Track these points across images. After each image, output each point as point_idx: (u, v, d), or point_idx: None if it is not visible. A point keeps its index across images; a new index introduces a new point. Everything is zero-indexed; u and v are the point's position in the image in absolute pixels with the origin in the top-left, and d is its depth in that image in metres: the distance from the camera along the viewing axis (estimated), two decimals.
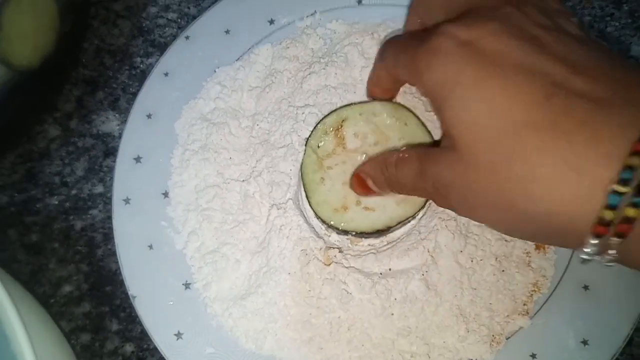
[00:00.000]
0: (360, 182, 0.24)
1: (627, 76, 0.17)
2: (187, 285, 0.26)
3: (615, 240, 0.16)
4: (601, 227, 0.16)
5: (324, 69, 0.29)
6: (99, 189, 0.31)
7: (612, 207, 0.16)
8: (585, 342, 0.24)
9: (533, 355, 0.24)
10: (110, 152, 0.31)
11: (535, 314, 0.25)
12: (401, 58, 0.22)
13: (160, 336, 0.25)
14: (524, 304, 0.25)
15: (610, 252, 0.17)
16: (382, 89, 0.26)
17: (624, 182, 0.16)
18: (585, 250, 0.17)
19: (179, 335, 0.25)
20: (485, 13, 0.20)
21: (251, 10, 0.32)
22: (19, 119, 0.32)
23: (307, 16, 0.32)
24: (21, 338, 0.17)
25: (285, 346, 0.25)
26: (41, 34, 0.28)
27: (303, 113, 0.28)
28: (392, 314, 0.24)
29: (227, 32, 0.32)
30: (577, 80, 0.17)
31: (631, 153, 0.16)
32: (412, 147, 0.25)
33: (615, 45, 0.32)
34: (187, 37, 0.32)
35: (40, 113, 0.33)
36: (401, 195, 0.24)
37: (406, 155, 0.22)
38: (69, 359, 0.21)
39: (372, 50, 0.29)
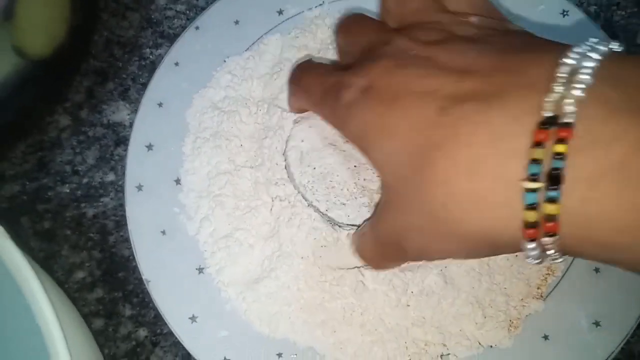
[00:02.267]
0: None
1: (520, 60, 0.17)
2: (200, 270, 0.27)
3: (548, 240, 0.15)
4: (530, 230, 0.15)
5: (333, 54, 0.29)
6: (111, 177, 0.31)
7: (532, 207, 0.15)
8: (597, 324, 0.24)
9: (545, 337, 0.25)
10: (121, 141, 0.32)
11: (547, 296, 0.25)
12: (326, 106, 0.22)
13: (174, 320, 0.25)
14: (538, 288, 0.25)
15: (549, 252, 0.16)
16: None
17: (533, 177, 0.15)
18: (529, 255, 0.16)
19: (193, 318, 0.25)
20: (378, 52, 0.20)
21: (260, 0, 0.32)
22: (30, 108, 0.32)
23: (315, 6, 0.32)
24: (47, 312, 0.17)
25: (298, 329, 0.25)
26: (53, 24, 0.29)
27: None
28: (408, 305, 0.24)
29: (237, 22, 0.32)
30: (467, 83, 0.17)
31: (533, 145, 0.14)
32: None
33: (621, 34, 0.33)
34: (197, 28, 0.32)
35: (50, 103, 0.33)
36: None
37: (362, 233, 0.23)
38: (89, 340, 0.21)
39: None
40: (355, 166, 0.25)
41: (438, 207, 0.17)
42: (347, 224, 0.25)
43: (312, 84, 0.23)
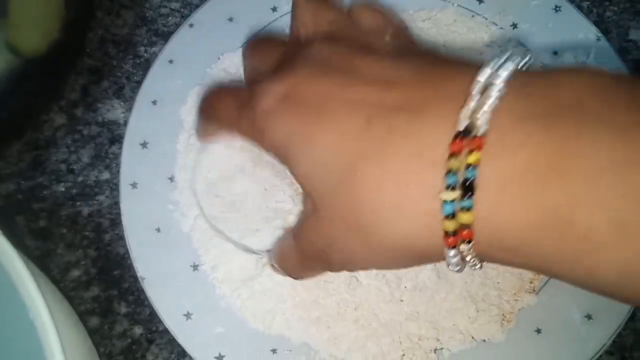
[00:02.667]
0: None
1: (439, 75, 0.17)
2: (195, 267, 0.27)
3: (465, 247, 0.16)
4: (450, 239, 0.16)
5: None
6: (105, 175, 0.31)
7: (450, 216, 0.15)
8: (589, 317, 0.25)
9: (538, 331, 0.25)
10: (116, 140, 0.32)
11: (539, 290, 0.25)
12: (242, 121, 0.21)
13: (169, 316, 0.25)
14: (531, 282, 0.25)
15: (467, 259, 0.16)
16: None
17: (451, 187, 0.15)
18: (450, 262, 0.16)
19: (188, 315, 0.25)
20: (295, 58, 0.19)
21: None
22: (25, 107, 0.32)
23: None
24: (42, 311, 0.17)
25: (293, 325, 0.25)
26: (47, 22, 0.29)
27: None
28: (402, 300, 0.25)
29: (231, 19, 0.32)
30: (390, 95, 0.17)
31: (450, 155, 0.15)
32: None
33: (614, 30, 0.33)
34: (190, 25, 0.32)
35: (45, 102, 0.33)
36: None
37: (284, 244, 0.22)
38: (84, 338, 0.21)
39: None
40: (265, 189, 0.25)
41: (365, 216, 0.17)
42: (263, 250, 0.25)
43: (225, 104, 0.22)
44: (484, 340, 0.24)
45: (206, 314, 0.25)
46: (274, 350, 0.25)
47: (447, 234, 0.16)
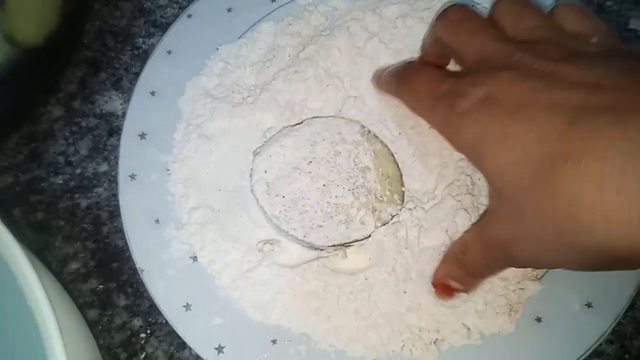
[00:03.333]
0: (445, 289, 0.24)
1: None
2: (194, 259, 0.26)
3: None
4: None
5: (325, 40, 0.29)
6: (104, 167, 0.31)
7: None
8: (589, 305, 0.25)
9: (538, 319, 0.25)
10: (114, 131, 0.32)
11: (540, 278, 0.25)
12: (437, 113, 0.22)
13: (168, 308, 0.25)
14: (533, 270, 0.25)
15: None
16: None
17: None
18: None
19: (187, 306, 0.25)
20: (498, 62, 0.20)
21: None
22: (22, 99, 0.32)
23: None
24: (43, 303, 0.17)
25: (292, 316, 0.25)
26: (44, 12, 0.28)
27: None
28: (405, 292, 0.24)
29: (229, 10, 0.32)
30: (597, 97, 0.17)
31: None
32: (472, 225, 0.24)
33: (614, 19, 0.33)
34: (189, 16, 0.32)
35: (43, 94, 0.33)
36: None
37: (467, 238, 0.23)
38: (84, 330, 0.21)
39: (375, 25, 0.30)
40: (324, 185, 0.25)
41: (563, 217, 0.17)
42: (328, 246, 0.25)
43: (422, 88, 0.23)
44: (494, 334, 0.24)
45: (205, 305, 0.25)
46: (273, 341, 0.25)
47: None
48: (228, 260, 0.26)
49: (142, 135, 0.29)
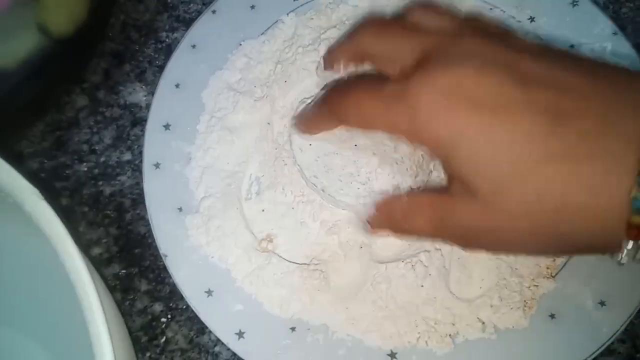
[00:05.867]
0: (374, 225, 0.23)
1: (613, 79, 0.18)
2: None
3: None
4: (634, 231, 0.17)
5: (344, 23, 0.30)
6: (127, 156, 0.32)
7: (638, 212, 0.17)
8: (602, 303, 0.25)
9: (552, 316, 0.25)
10: (138, 122, 0.32)
11: (554, 276, 0.26)
12: (391, 116, 0.20)
13: (190, 293, 0.26)
14: (547, 267, 0.25)
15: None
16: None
17: None
18: (624, 254, 0.18)
19: (209, 292, 0.26)
20: (448, 52, 0.19)
21: None
22: (49, 88, 0.33)
23: None
24: (85, 277, 0.17)
25: (310, 309, 0.25)
26: (76, 4, 0.29)
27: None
28: (422, 286, 0.25)
29: (252, 7, 0.33)
30: (569, 99, 0.18)
31: None
32: (421, 191, 0.24)
33: (629, 26, 0.33)
34: (213, 12, 0.33)
35: (68, 84, 0.33)
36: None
37: (414, 206, 0.22)
38: (114, 305, 0.22)
39: None
40: (355, 145, 0.26)
41: (544, 212, 0.18)
42: (347, 203, 0.25)
43: (363, 101, 0.21)
44: (508, 329, 0.25)
45: (226, 292, 0.26)
46: (292, 329, 0.25)
47: (632, 227, 0.17)
48: (236, 257, 0.27)
49: (167, 126, 0.30)
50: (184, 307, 0.28)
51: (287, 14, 0.32)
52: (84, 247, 0.29)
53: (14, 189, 0.19)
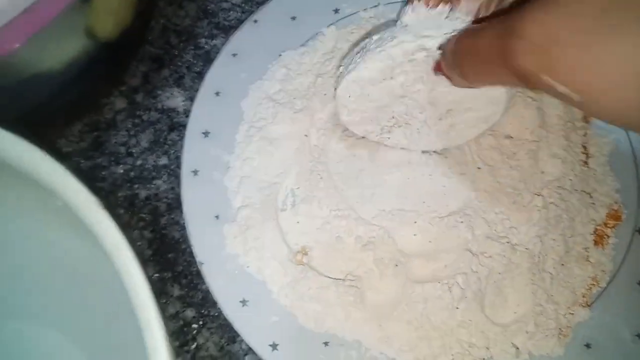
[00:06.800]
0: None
1: None
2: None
3: None
4: None
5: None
6: (163, 160, 0.32)
7: None
8: (639, 336, 0.25)
9: (587, 345, 0.25)
10: (175, 127, 0.33)
11: (590, 305, 0.25)
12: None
13: (225, 302, 0.26)
14: (583, 296, 0.25)
15: None
16: None
17: None
18: None
19: (244, 302, 0.26)
20: None
21: None
22: (90, 90, 0.33)
23: (371, 7, 0.33)
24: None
25: (344, 326, 0.25)
26: (123, 9, 0.30)
27: None
28: (457, 308, 0.25)
29: (293, 18, 0.33)
30: None
31: None
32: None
33: None
34: (255, 21, 0.33)
35: (107, 86, 0.34)
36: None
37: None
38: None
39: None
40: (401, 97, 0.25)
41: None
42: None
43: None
44: (543, 356, 0.25)
45: (261, 304, 0.26)
46: (326, 343, 0.25)
47: None
48: (272, 269, 0.27)
49: (206, 133, 0.30)
50: (216, 314, 0.28)
51: (327, 27, 0.33)
52: None
53: (71, 196, 0.19)
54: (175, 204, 0.30)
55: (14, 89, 0.26)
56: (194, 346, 0.28)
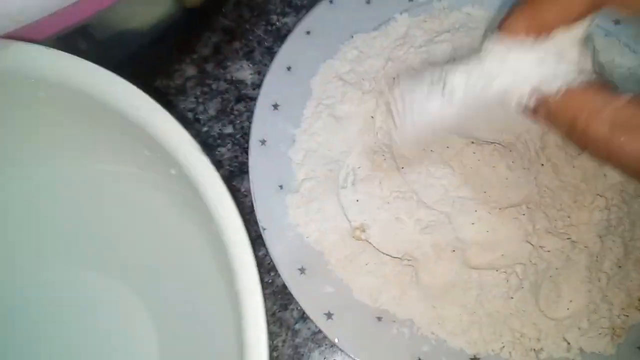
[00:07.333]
0: None
1: None
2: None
3: None
4: None
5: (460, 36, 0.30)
6: (229, 129, 0.33)
7: None
8: None
9: None
10: (242, 98, 0.33)
11: None
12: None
13: (285, 268, 0.27)
14: (639, 299, 0.25)
15: None
16: None
17: None
18: None
19: (302, 270, 0.27)
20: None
21: None
22: (165, 54, 0.34)
23: None
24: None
25: (399, 303, 0.26)
26: None
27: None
28: (512, 297, 0.25)
29: (368, 2, 0.34)
30: None
31: None
32: None
33: None
34: (330, 2, 0.34)
35: (179, 53, 0.35)
36: None
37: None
38: None
39: None
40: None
41: None
42: None
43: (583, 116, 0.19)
44: (594, 353, 0.25)
45: (318, 273, 0.27)
46: (379, 318, 0.26)
47: None
48: (331, 241, 0.27)
49: (275, 106, 0.31)
50: (270, 281, 0.29)
51: (401, 13, 0.33)
52: None
53: (195, 167, 0.20)
54: (238, 172, 0.31)
55: (105, 43, 0.27)
56: None
